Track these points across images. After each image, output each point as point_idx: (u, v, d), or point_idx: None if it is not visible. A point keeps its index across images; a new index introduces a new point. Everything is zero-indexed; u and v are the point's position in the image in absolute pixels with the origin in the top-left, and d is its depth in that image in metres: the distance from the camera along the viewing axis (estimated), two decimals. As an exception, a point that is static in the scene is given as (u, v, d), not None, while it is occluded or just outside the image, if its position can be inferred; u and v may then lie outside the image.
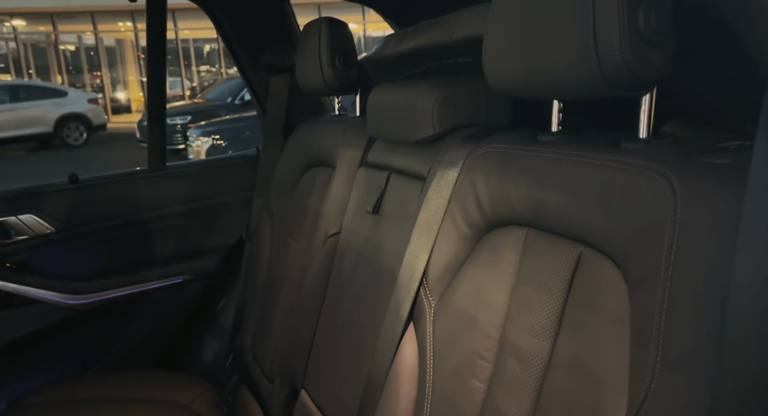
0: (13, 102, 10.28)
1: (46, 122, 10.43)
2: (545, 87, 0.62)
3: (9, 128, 10.04)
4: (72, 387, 1.40)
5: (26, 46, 16.09)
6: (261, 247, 1.50)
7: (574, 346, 0.60)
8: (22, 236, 1.50)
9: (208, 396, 1.43)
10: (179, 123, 8.00)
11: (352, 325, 1.04)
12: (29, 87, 11.09)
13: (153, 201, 1.65)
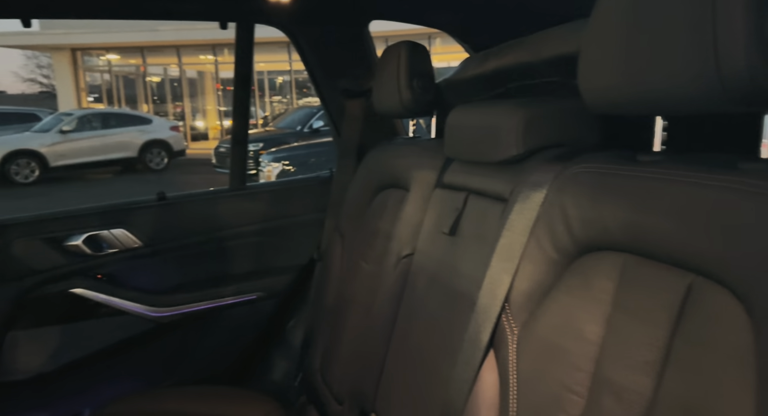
0: (104, 128, 11.16)
1: (131, 147, 11.22)
2: (652, 103, 0.58)
3: (99, 152, 10.87)
4: (148, 398, 1.45)
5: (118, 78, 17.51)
6: (331, 267, 1.51)
7: (684, 386, 0.55)
8: (113, 249, 1.60)
9: (276, 415, 1.44)
10: (252, 149, 8.37)
11: (425, 349, 1.02)
12: (119, 115, 12.03)
13: (232, 220, 1.71)
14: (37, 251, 1.52)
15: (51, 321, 1.58)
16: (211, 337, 1.74)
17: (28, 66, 34.77)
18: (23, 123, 12.03)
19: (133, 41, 15.10)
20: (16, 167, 10.11)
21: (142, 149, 11.29)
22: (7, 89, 35.20)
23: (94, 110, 12.81)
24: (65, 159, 10.52)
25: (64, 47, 15.79)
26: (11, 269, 1.49)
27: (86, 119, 11.23)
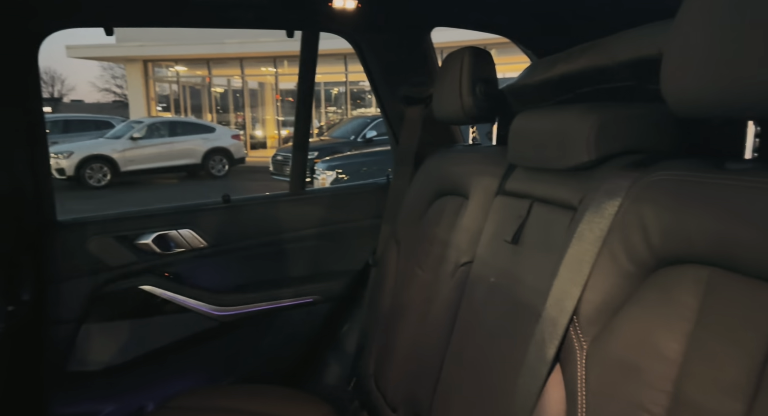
0: (171, 136, 11.72)
1: (195, 154, 11.72)
2: (745, 106, 0.55)
3: (165, 158, 11.43)
4: (210, 394, 1.49)
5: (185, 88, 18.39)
6: (386, 274, 1.51)
7: None
8: (180, 249, 1.66)
9: None
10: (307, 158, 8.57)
11: (485, 360, 1.00)
12: (184, 123, 12.61)
13: (291, 223, 1.75)
14: (110, 249, 1.61)
15: (121, 316, 1.66)
16: (270, 338, 1.77)
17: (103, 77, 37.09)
18: (98, 130, 12.83)
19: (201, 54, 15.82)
20: (90, 171, 10.76)
21: (205, 156, 11.78)
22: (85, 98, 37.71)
23: (162, 119, 13.49)
24: (135, 164, 11.12)
25: (137, 59, 16.75)
26: (86, 265, 1.58)
27: (155, 126, 11.85)
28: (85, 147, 10.96)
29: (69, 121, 13.81)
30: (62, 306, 1.56)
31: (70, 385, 1.58)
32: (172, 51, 15.61)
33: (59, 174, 10.45)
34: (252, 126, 17.91)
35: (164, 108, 18.51)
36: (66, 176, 10.49)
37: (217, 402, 1.42)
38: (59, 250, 1.56)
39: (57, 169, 10.46)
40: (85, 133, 12.74)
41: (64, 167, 10.52)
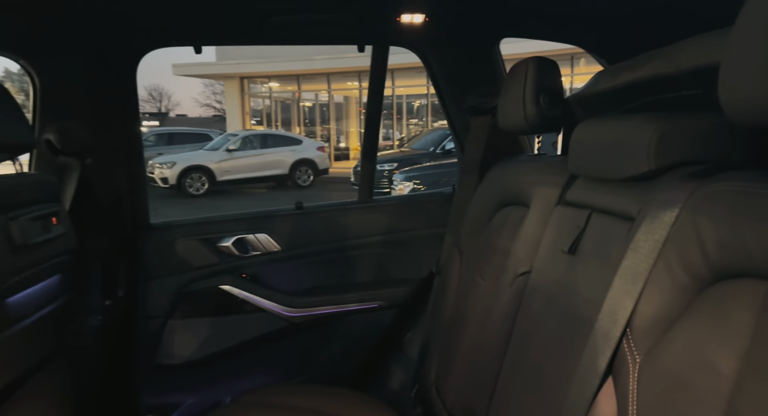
0: (262, 148, 12.40)
1: (283, 165, 12.30)
2: None
3: (257, 169, 12.09)
4: (280, 392, 1.57)
5: (276, 103, 19.40)
6: (448, 282, 1.52)
7: None
8: (256, 252, 1.78)
9: None
10: (387, 169, 8.70)
11: (540, 370, 0.99)
12: (275, 136, 13.29)
13: (358, 230, 1.81)
14: (194, 250, 1.75)
15: (202, 313, 1.80)
16: (336, 340, 1.84)
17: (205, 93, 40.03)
18: (198, 142, 13.82)
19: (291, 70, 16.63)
20: (190, 181, 11.61)
21: (292, 167, 12.33)
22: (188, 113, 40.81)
23: (255, 132, 14.31)
24: (229, 175, 11.86)
25: (234, 76, 17.92)
26: (173, 265, 1.73)
27: (248, 139, 12.59)
28: (186, 158, 11.85)
29: (173, 134, 15.02)
30: (151, 303, 1.72)
31: (157, 377, 1.73)
32: (266, 68, 16.53)
33: (163, 183, 11.37)
34: (336, 138, 18.50)
35: (258, 121, 19.61)
36: (169, 184, 11.38)
37: (287, 400, 1.49)
38: (151, 251, 1.73)
39: (161, 178, 11.40)
40: (186, 145, 13.78)
41: (168, 177, 11.42)
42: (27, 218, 1.12)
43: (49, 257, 1.24)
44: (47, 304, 1.27)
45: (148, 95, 39.01)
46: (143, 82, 72.71)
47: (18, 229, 1.08)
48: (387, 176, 8.60)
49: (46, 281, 1.26)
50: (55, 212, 1.25)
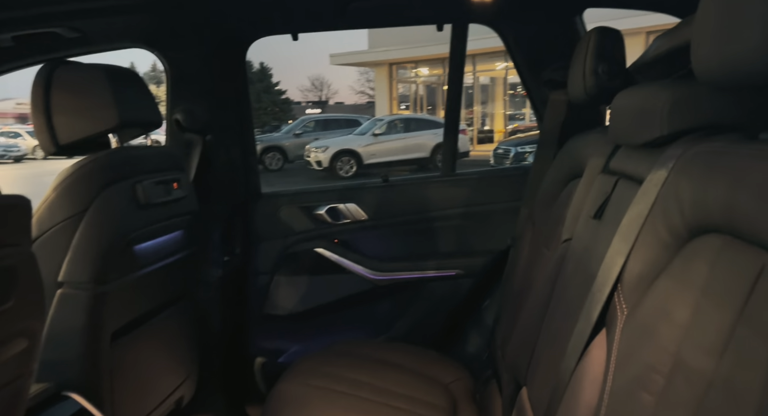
0: (406, 132, 12.79)
1: (425, 148, 12.56)
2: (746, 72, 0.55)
3: (400, 152, 12.53)
4: (364, 345, 1.76)
5: (423, 87, 19.74)
6: (521, 253, 1.56)
7: (739, 371, 0.53)
8: (346, 220, 1.97)
9: (464, 383, 1.58)
10: (528, 151, 8.44)
11: (562, 329, 1.02)
12: (418, 120, 13.61)
13: (440, 203, 1.91)
14: (295, 217, 2.00)
15: (302, 272, 2.05)
16: (417, 303, 1.97)
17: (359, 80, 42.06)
18: (349, 127, 14.72)
19: (438, 54, 16.74)
20: (341, 164, 12.45)
21: (433, 150, 12.53)
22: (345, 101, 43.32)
23: (400, 116, 14.78)
24: (374, 158, 12.47)
25: (384, 63, 18.60)
26: (278, 229, 2.00)
27: (393, 123, 13.07)
28: (337, 143, 12.72)
29: (327, 120, 16.19)
30: (261, 261, 2.01)
31: (266, 325, 2.03)
32: (413, 53, 16.87)
33: (318, 166, 12.36)
34: (481, 121, 18.25)
35: (405, 107, 20.18)
36: (322, 167, 12.34)
37: (374, 353, 1.67)
38: (260, 216, 2.02)
39: (316, 161, 12.40)
40: (338, 130, 14.76)
41: (321, 160, 12.38)
42: (150, 182, 1.42)
43: (171, 216, 1.54)
44: (172, 254, 1.59)
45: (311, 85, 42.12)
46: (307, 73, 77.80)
47: (142, 191, 1.38)
48: (526, 158, 8.36)
49: (171, 235, 1.57)
50: (176, 179, 1.55)
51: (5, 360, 0.80)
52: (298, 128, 15.22)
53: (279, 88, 29.93)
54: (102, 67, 1.31)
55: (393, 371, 1.58)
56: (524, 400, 1.13)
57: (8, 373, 0.82)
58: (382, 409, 1.38)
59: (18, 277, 0.79)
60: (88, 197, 1.25)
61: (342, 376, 1.50)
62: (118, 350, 1.34)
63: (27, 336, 0.84)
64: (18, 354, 0.82)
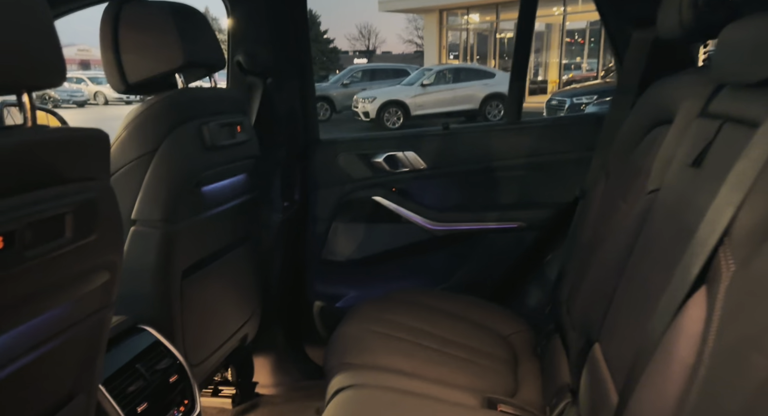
0: (455, 82, 12.42)
1: (474, 100, 12.20)
2: None
3: (448, 104, 12.22)
4: (422, 294, 1.75)
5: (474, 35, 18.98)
6: (591, 206, 1.49)
7: None
8: (405, 168, 1.93)
9: (525, 335, 1.56)
10: (585, 102, 8.06)
11: (649, 283, 0.97)
12: (468, 70, 13.17)
13: (503, 152, 1.83)
14: (353, 164, 1.98)
15: (359, 220, 2.05)
16: (476, 255, 1.94)
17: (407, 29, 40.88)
18: (397, 77, 14.42)
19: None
20: (388, 115, 12.29)
21: (483, 102, 12.17)
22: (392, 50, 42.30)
23: (449, 66, 14.35)
24: (422, 109, 12.23)
25: (434, 9, 17.92)
26: (336, 176, 1.99)
27: (442, 73, 12.70)
28: (384, 93, 12.51)
29: (375, 70, 15.88)
30: (319, 207, 2.02)
31: (324, 270, 2.05)
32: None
33: (365, 117, 12.24)
34: (534, 71, 17.47)
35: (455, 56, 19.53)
36: (369, 118, 12.22)
37: (428, 301, 1.67)
38: (319, 162, 2.00)
39: (363, 112, 12.27)
40: (386, 80, 14.49)
41: (369, 111, 12.25)
42: (215, 124, 1.42)
43: (234, 159, 1.55)
44: (236, 197, 1.61)
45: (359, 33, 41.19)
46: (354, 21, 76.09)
47: (208, 132, 1.38)
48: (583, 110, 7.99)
49: (235, 178, 1.59)
50: (240, 122, 1.55)
51: (89, 292, 0.82)
52: (346, 78, 15.03)
53: (327, 37, 29.51)
54: (168, 6, 1.29)
55: (452, 321, 1.57)
56: (597, 356, 1.09)
57: (92, 304, 0.84)
58: (444, 358, 1.38)
59: (99, 211, 0.80)
60: (158, 136, 1.26)
61: (401, 323, 1.50)
62: (188, 287, 1.38)
63: (108, 268, 0.86)
64: (100, 286, 0.84)
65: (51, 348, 0.76)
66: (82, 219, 0.76)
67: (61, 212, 0.72)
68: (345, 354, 1.38)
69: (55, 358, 0.79)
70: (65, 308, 0.78)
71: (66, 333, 0.79)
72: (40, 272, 0.70)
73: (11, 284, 0.66)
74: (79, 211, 0.75)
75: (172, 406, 1.21)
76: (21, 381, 0.72)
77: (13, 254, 0.64)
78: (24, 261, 0.66)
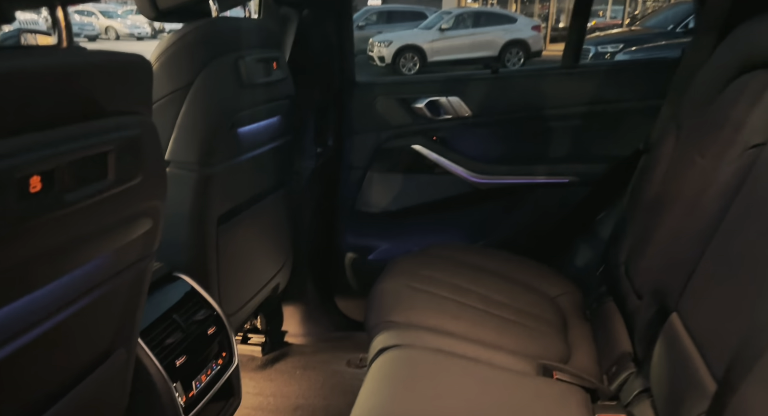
0: (474, 27, 11.91)
1: (494, 46, 11.71)
2: None
3: (466, 50, 11.75)
4: (461, 249, 1.66)
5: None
6: (658, 160, 1.36)
7: None
8: (447, 116, 1.80)
9: (573, 297, 1.48)
10: (610, 51, 7.69)
11: (755, 253, 0.86)
12: (488, 14, 12.60)
13: (558, 99, 1.69)
14: (392, 109, 1.84)
15: (396, 170, 1.93)
16: (521, 211, 1.83)
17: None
18: (414, 20, 13.85)
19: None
20: (404, 60, 11.86)
21: (502, 49, 11.69)
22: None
23: (469, 9, 13.72)
24: (439, 55, 11.78)
25: (454, -52, 16.98)
26: (373, 122, 1.86)
27: (461, 17, 12.16)
28: (401, 37, 12.03)
29: (391, 12, 15.24)
30: (355, 155, 1.90)
31: (357, 221, 1.96)
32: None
33: (380, 61, 11.82)
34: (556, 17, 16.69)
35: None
36: (385, 63, 11.82)
37: (468, 258, 1.57)
38: (355, 106, 1.87)
39: (379, 56, 11.85)
40: (403, 23, 13.92)
41: (384, 55, 11.82)
42: (252, 59, 1.29)
43: (270, 99, 1.43)
44: (271, 141, 1.50)
45: (373, -28, 39.45)
46: (368, -41, 73.02)
47: (245, 67, 1.25)
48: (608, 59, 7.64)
49: (270, 120, 1.47)
50: (276, 58, 1.41)
51: (131, 241, 0.74)
52: (361, 20, 14.44)
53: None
54: None
55: (495, 279, 1.49)
56: (677, 328, 1.00)
57: (134, 254, 0.78)
58: (492, 320, 1.30)
59: (142, 151, 0.70)
60: (193, 69, 1.14)
61: (443, 281, 1.42)
62: (223, 235, 1.33)
63: (151, 215, 0.78)
64: (143, 235, 0.77)
65: (90, 300, 0.70)
66: (126, 159, 0.67)
67: (102, 151, 0.63)
68: (387, 312, 1.31)
69: (95, 311, 0.73)
70: (105, 258, 0.71)
71: (106, 285, 0.73)
72: (81, 219, 0.62)
73: (49, 233, 0.57)
74: (121, 150, 0.66)
75: (210, 359, 1.16)
76: (60, 336, 0.66)
77: (51, 197, 0.56)
78: (63, 206, 0.57)
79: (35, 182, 0.53)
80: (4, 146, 0.51)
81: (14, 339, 0.57)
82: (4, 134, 0.51)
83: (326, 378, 1.69)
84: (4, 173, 0.50)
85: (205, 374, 1.11)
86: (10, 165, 0.51)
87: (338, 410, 1.55)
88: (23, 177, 0.52)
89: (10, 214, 0.51)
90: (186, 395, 1.03)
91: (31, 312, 0.59)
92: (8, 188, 0.50)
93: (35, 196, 0.53)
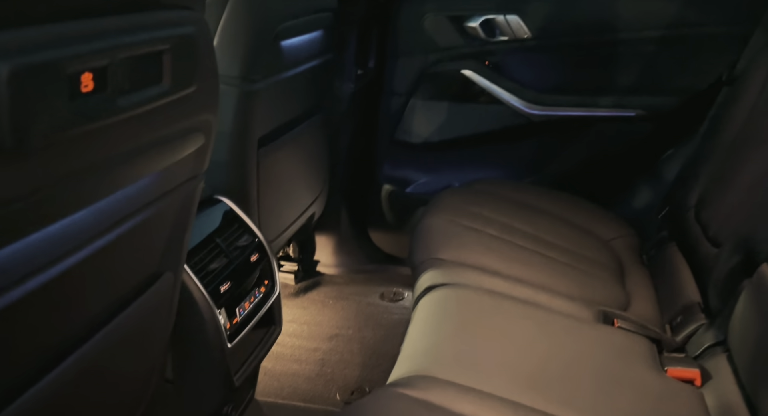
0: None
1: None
2: None
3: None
4: (507, 185, 1.55)
5: None
6: (744, 94, 1.22)
7: None
8: (504, 37, 1.63)
9: (629, 241, 1.39)
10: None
11: None
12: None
13: (630, 22, 1.51)
14: (441, 29, 1.67)
15: (442, 97, 1.80)
16: (578, 146, 1.70)
17: None
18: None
19: None
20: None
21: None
22: None
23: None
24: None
25: None
26: (420, 42, 1.70)
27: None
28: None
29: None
30: (397, 79, 1.76)
31: (396, 151, 1.85)
32: None
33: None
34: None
35: None
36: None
37: (518, 196, 1.47)
38: (401, 24, 1.70)
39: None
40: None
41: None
42: None
43: (312, 10, 1.30)
44: (313, 58, 1.38)
45: None
46: None
47: None
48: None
49: (312, 34, 1.35)
50: None
51: (184, 158, 0.67)
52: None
53: None
54: None
55: (546, 219, 1.40)
56: None
57: (185, 172, 0.71)
58: (545, 261, 1.22)
59: (198, 53, 0.60)
60: None
61: (491, 218, 1.33)
62: (263, 158, 1.26)
63: (203, 131, 0.70)
64: (195, 152, 0.69)
65: (140, 220, 0.64)
66: (181, 62, 0.58)
67: (158, 49, 0.53)
68: (434, 249, 1.23)
69: (144, 232, 0.67)
70: (156, 176, 0.63)
71: (155, 205, 0.66)
72: (132, 130, 0.53)
73: (99, 142, 0.49)
74: (177, 50, 0.56)
75: (252, 286, 1.11)
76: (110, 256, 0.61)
77: (104, 100, 0.47)
78: (116, 112, 0.48)
79: (87, 79, 0.44)
80: (53, 32, 0.41)
81: (63, 259, 0.51)
82: (53, 17, 0.41)
83: (360, 309, 1.66)
84: (53, 66, 0.41)
85: (248, 301, 1.07)
86: (61, 55, 0.41)
87: (374, 342, 1.52)
88: (75, 73, 0.43)
89: (61, 116, 0.42)
90: (230, 322, 0.98)
91: (80, 230, 0.52)
92: (59, 83, 0.41)
93: (87, 97, 0.45)
